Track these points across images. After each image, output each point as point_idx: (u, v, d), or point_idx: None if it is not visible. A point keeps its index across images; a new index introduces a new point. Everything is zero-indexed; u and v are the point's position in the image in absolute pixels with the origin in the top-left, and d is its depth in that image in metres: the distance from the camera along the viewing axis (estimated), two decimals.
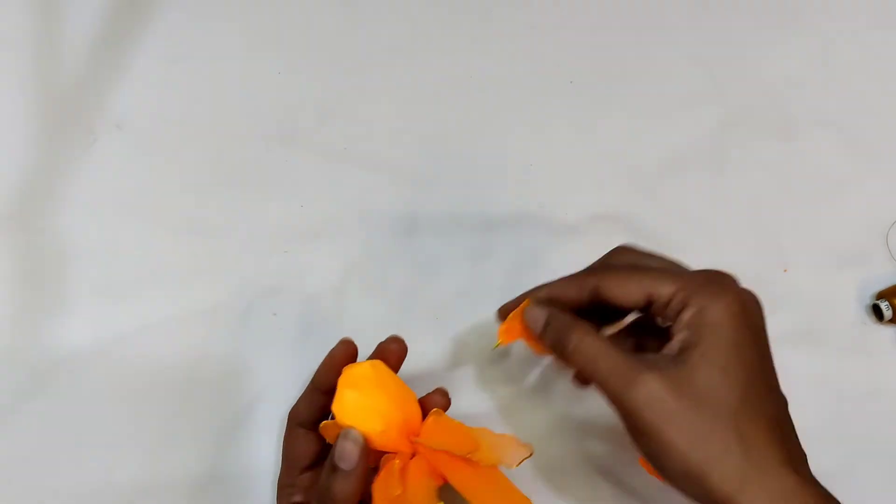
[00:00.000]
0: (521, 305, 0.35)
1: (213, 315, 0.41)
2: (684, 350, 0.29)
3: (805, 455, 0.30)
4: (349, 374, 0.33)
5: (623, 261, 0.34)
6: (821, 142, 0.49)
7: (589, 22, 0.51)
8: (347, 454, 0.31)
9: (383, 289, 0.43)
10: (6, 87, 0.45)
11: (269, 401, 0.40)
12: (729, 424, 0.28)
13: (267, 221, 0.44)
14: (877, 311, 0.44)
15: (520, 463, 0.33)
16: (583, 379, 0.37)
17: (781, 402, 0.31)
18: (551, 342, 0.32)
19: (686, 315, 0.30)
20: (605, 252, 0.35)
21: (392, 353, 0.35)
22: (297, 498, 0.35)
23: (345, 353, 0.35)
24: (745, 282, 0.45)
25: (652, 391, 0.28)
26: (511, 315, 0.35)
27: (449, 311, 0.43)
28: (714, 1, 0.52)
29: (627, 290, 0.31)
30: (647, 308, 0.32)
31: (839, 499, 0.30)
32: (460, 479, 0.33)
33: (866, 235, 0.47)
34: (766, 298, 0.44)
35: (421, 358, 0.41)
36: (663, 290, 0.30)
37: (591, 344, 0.30)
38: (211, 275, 0.42)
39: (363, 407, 0.32)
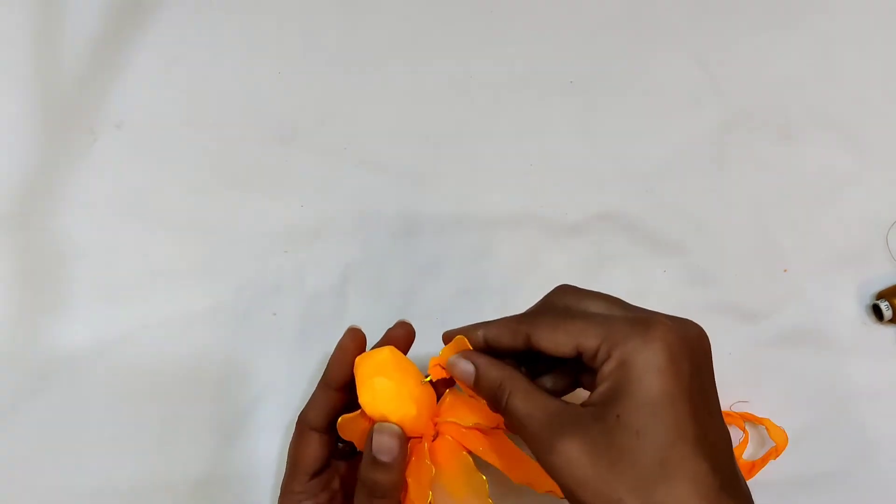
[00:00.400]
0: (447, 350, 0.33)
1: (213, 315, 0.41)
2: (604, 406, 0.27)
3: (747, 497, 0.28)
4: (371, 362, 0.33)
5: (559, 304, 0.32)
6: (821, 142, 0.49)
7: (589, 22, 0.51)
8: (387, 447, 0.31)
9: (383, 289, 0.43)
10: (6, 87, 0.45)
11: (269, 401, 0.40)
12: (640, 494, 0.26)
13: (267, 221, 0.44)
14: (877, 311, 0.44)
15: None
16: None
17: (719, 449, 0.28)
18: (485, 397, 0.31)
19: (607, 368, 0.28)
20: (549, 291, 0.33)
21: (400, 338, 0.35)
22: None
23: (355, 344, 0.34)
24: (746, 282, 0.45)
25: (570, 457, 0.27)
26: (443, 352, 0.33)
27: (449, 311, 0.43)
28: (714, 1, 0.52)
29: (556, 341, 0.29)
30: (580, 358, 0.29)
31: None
32: (484, 450, 0.33)
33: (866, 235, 0.47)
34: (766, 298, 0.44)
35: (421, 358, 0.41)
36: (588, 341, 0.28)
37: (516, 405, 0.29)
38: (211, 275, 0.42)
39: (395, 394, 0.32)
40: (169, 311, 0.41)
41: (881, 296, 0.44)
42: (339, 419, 0.33)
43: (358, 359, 0.33)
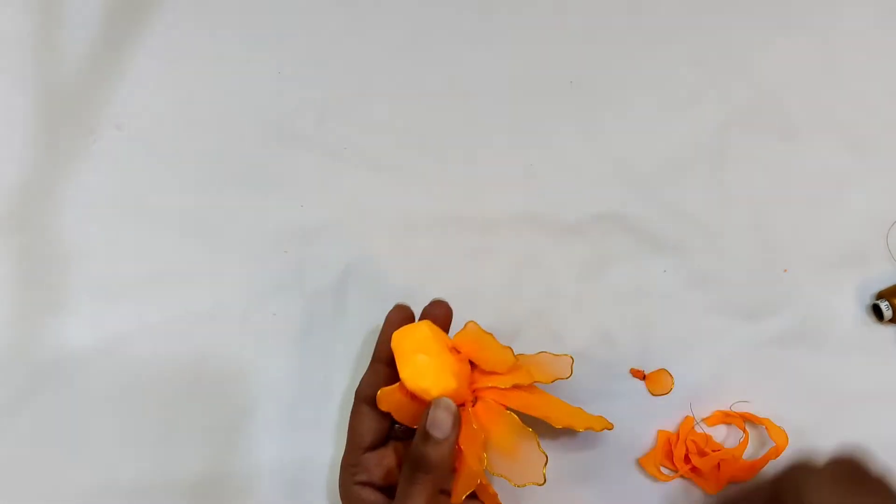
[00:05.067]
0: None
1: (213, 315, 0.41)
2: None
3: None
4: (409, 338, 0.34)
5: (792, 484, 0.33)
6: (821, 141, 0.49)
7: (589, 22, 0.51)
8: (441, 422, 0.32)
9: (383, 289, 0.43)
10: (6, 87, 0.45)
11: (269, 401, 0.40)
12: None
13: (267, 221, 0.44)
14: (877, 311, 0.44)
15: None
16: None
17: None
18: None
19: None
20: None
21: (439, 316, 0.36)
22: (363, 477, 0.35)
23: (402, 319, 0.36)
24: (746, 282, 0.45)
25: None
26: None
27: None
28: (714, 1, 0.52)
29: None
30: None
31: None
32: (524, 405, 0.35)
33: (866, 235, 0.46)
34: (766, 298, 0.44)
35: None
36: None
37: None
38: (211, 275, 0.42)
39: (435, 369, 0.33)
40: (169, 311, 0.41)
41: (881, 296, 0.44)
42: (378, 392, 0.34)
43: (395, 334, 0.34)
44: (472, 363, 0.35)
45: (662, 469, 0.40)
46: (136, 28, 0.47)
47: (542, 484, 0.33)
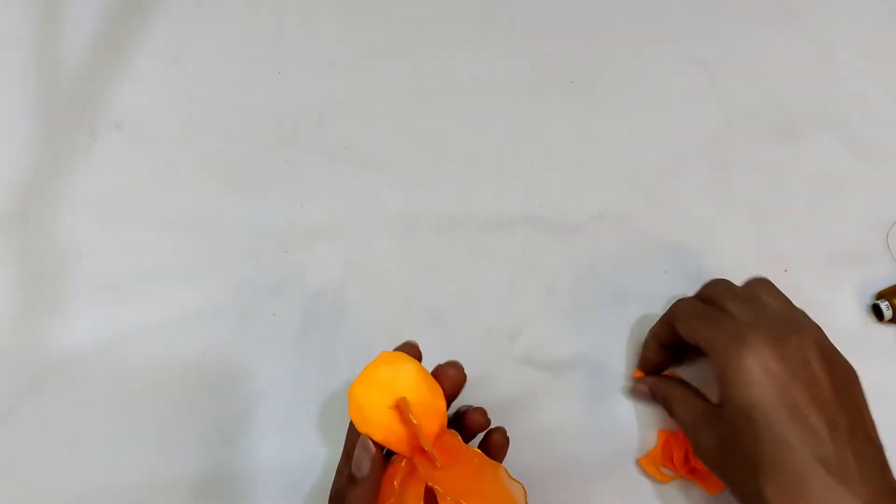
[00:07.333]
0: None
1: (213, 315, 0.41)
2: (722, 406, 0.34)
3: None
4: (372, 375, 0.32)
5: (708, 297, 0.37)
6: (821, 142, 0.49)
7: (589, 22, 0.51)
8: (359, 461, 0.31)
9: (383, 289, 0.43)
10: (7, 87, 0.45)
11: (269, 401, 0.40)
12: (747, 479, 0.32)
13: (267, 221, 0.44)
14: (877, 311, 0.44)
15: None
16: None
17: (811, 444, 0.31)
18: (662, 405, 0.39)
19: (714, 373, 0.34)
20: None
21: (448, 378, 0.34)
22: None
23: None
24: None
25: (705, 447, 0.35)
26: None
27: (449, 311, 0.43)
28: (714, 1, 0.52)
29: (686, 334, 0.36)
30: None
31: None
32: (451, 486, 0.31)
33: (866, 235, 0.47)
34: None
35: (426, 364, 0.41)
36: (700, 343, 0.35)
37: (676, 409, 0.37)
38: (211, 275, 0.42)
39: (380, 412, 0.32)
40: (169, 311, 0.41)
41: (881, 296, 0.44)
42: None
43: (369, 365, 0.33)
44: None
45: (662, 469, 0.40)
46: (136, 28, 0.48)
47: None
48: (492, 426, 0.36)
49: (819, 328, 0.34)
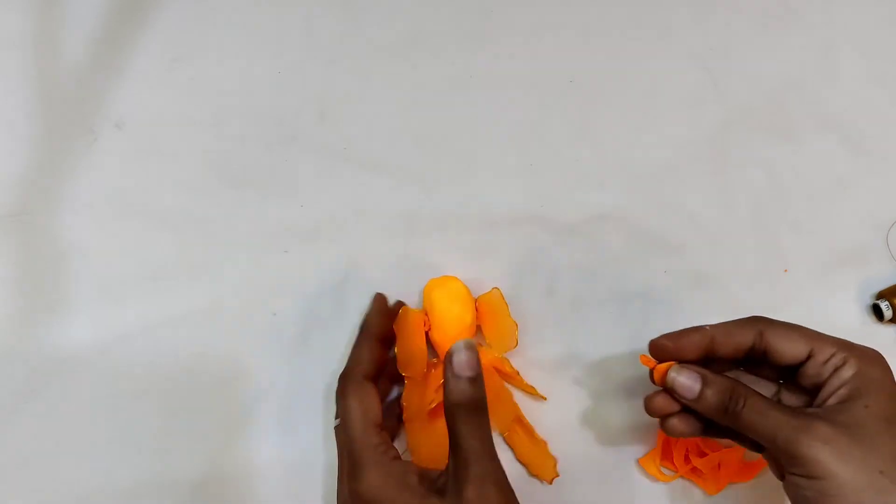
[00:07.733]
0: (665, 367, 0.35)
1: (213, 315, 0.41)
2: (846, 402, 0.32)
3: None
4: (443, 287, 0.41)
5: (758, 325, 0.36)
6: (821, 142, 0.49)
7: (589, 22, 0.51)
8: (470, 362, 0.33)
9: (383, 289, 0.43)
10: (6, 87, 0.45)
11: (269, 401, 0.40)
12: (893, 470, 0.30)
13: (267, 221, 0.44)
14: (877, 311, 0.44)
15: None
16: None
17: None
18: (707, 408, 0.34)
19: (846, 372, 0.32)
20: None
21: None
22: (394, 453, 0.34)
23: (384, 302, 0.41)
24: (746, 282, 0.45)
25: (826, 435, 0.31)
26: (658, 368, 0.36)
27: None
28: (714, 1, 0.52)
29: (791, 340, 0.34)
30: (799, 364, 0.34)
31: None
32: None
33: (866, 235, 0.47)
34: (767, 298, 0.44)
35: None
36: (825, 346, 0.33)
37: (751, 412, 0.33)
38: (211, 275, 0.42)
39: (461, 320, 0.40)
40: (169, 311, 0.41)
41: (881, 296, 0.44)
42: (402, 309, 0.40)
43: (431, 282, 0.41)
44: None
45: (662, 469, 0.40)
46: (136, 28, 0.47)
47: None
48: None
49: None
